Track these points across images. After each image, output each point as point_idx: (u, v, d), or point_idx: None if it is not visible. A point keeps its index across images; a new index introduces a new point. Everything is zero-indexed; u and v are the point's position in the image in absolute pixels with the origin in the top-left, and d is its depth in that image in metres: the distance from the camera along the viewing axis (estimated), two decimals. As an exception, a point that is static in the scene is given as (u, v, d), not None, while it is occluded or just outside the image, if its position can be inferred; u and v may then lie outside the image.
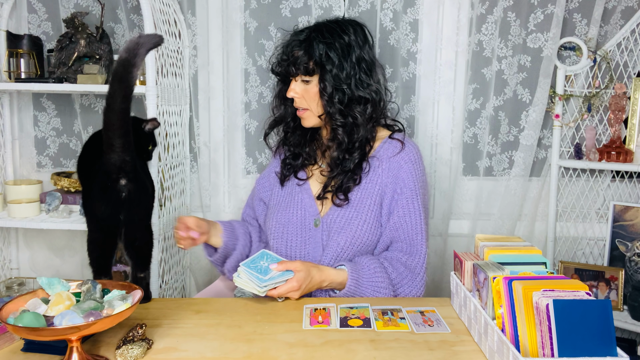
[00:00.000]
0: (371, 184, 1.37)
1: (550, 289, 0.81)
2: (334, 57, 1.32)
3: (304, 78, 1.35)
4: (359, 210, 1.35)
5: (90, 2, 1.95)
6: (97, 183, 1.12)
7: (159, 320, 1.09)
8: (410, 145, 1.41)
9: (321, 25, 1.38)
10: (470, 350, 0.96)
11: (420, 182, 1.38)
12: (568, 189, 1.92)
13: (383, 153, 1.39)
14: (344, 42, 1.34)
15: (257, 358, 0.93)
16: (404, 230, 1.34)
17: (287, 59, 1.36)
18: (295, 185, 1.44)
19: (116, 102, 1.06)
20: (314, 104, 1.36)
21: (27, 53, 1.83)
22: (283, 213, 1.41)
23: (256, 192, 1.54)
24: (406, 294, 1.31)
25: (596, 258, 1.92)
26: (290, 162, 1.47)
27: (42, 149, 2.08)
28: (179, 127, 1.90)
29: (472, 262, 1.04)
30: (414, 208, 1.35)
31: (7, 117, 1.98)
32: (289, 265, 1.20)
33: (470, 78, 1.89)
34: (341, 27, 1.37)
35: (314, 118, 1.38)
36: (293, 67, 1.35)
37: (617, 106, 1.77)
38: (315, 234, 1.37)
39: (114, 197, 1.11)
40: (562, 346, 0.76)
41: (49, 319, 0.89)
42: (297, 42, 1.36)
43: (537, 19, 1.86)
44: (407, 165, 1.37)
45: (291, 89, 1.37)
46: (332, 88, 1.33)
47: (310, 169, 1.46)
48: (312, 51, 1.33)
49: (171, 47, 1.79)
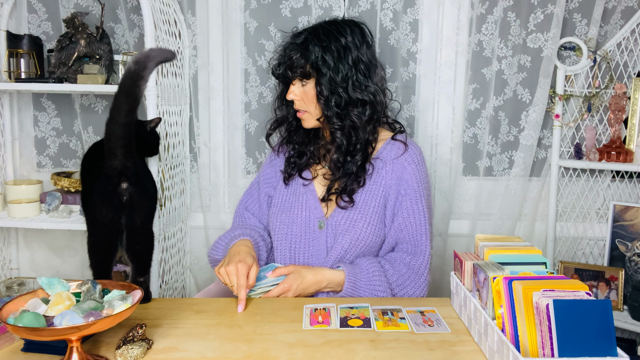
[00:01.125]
0: (375, 185, 1.37)
1: (550, 289, 0.81)
2: (329, 60, 1.32)
3: (301, 81, 1.36)
4: (363, 212, 1.35)
5: (90, 2, 1.95)
6: (98, 186, 1.11)
7: (159, 320, 1.09)
8: (413, 147, 1.41)
9: (318, 28, 1.37)
10: (470, 350, 0.96)
11: (424, 183, 1.38)
12: (568, 189, 1.92)
13: (386, 154, 1.39)
14: (340, 45, 1.33)
15: (257, 358, 0.93)
16: (408, 231, 1.35)
17: (285, 62, 1.37)
18: (300, 186, 1.44)
19: (121, 115, 1.05)
20: (312, 106, 1.36)
21: (27, 53, 1.83)
22: (287, 214, 1.41)
23: (262, 187, 1.52)
24: (409, 294, 1.32)
25: (596, 258, 1.92)
26: (295, 160, 1.46)
27: (42, 149, 2.08)
28: (179, 127, 1.90)
29: (472, 262, 1.04)
30: (418, 209, 1.35)
31: (7, 117, 1.98)
32: (282, 271, 1.27)
33: (470, 78, 1.89)
34: (338, 28, 1.36)
35: (313, 120, 1.38)
36: (290, 71, 1.35)
37: (617, 106, 1.77)
38: (320, 236, 1.37)
39: (115, 201, 1.10)
40: (562, 346, 0.76)
41: (49, 319, 0.89)
42: (294, 45, 1.36)
43: (537, 19, 1.86)
44: (411, 166, 1.37)
45: (290, 91, 1.37)
46: (328, 91, 1.32)
47: (315, 169, 1.46)
48: (308, 54, 1.32)
49: (171, 47, 1.79)
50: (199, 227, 2.04)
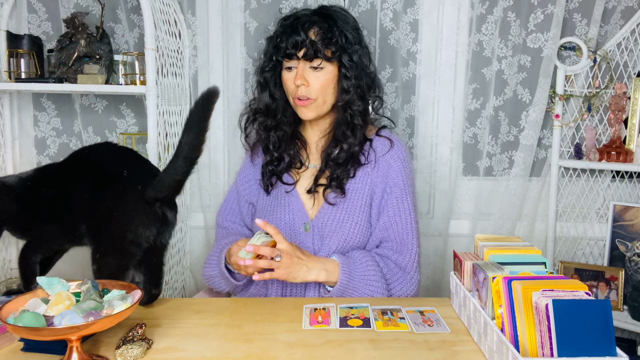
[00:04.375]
0: (361, 184, 1.33)
1: (550, 289, 0.81)
2: (352, 39, 1.27)
3: (314, 64, 1.27)
4: (349, 212, 1.31)
5: (90, 2, 1.95)
6: (138, 209, 1.10)
7: (159, 320, 1.09)
8: (398, 143, 1.37)
9: (324, 8, 1.32)
10: (470, 350, 0.96)
11: (410, 179, 1.35)
12: (568, 189, 1.92)
13: (372, 151, 1.36)
14: (353, 25, 1.30)
15: (257, 358, 0.93)
16: (394, 229, 1.31)
17: (303, 41, 1.24)
18: (282, 190, 1.37)
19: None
20: (325, 92, 1.29)
21: (27, 53, 1.83)
22: (270, 218, 1.35)
23: (242, 196, 1.45)
24: (398, 291, 1.29)
25: (596, 258, 1.92)
26: (272, 168, 1.38)
27: (42, 149, 2.08)
28: (179, 127, 1.90)
29: (471, 262, 1.04)
30: (404, 207, 1.32)
31: (7, 117, 1.98)
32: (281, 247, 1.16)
33: (470, 78, 1.89)
34: (340, 9, 1.34)
35: (318, 110, 1.32)
36: (312, 51, 1.24)
37: (617, 106, 1.77)
38: (306, 239, 1.33)
39: (159, 222, 1.12)
40: (561, 346, 0.76)
41: (49, 319, 0.89)
42: (311, 23, 1.26)
43: (537, 19, 1.86)
44: (397, 163, 1.34)
45: (299, 75, 1.27)
46: (355, 73, 1.27)
47: (297, 173, 1.39)
48: (332, 35, 1.25)
49: (171, 47, 1.79)
50: (199, 227, 2.04)
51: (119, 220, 1.09)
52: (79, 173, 1.15)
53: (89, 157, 1.18)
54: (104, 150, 1.21)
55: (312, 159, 1.42)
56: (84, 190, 1.12)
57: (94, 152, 1.20)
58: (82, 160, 1.17)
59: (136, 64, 1.77)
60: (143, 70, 1.72)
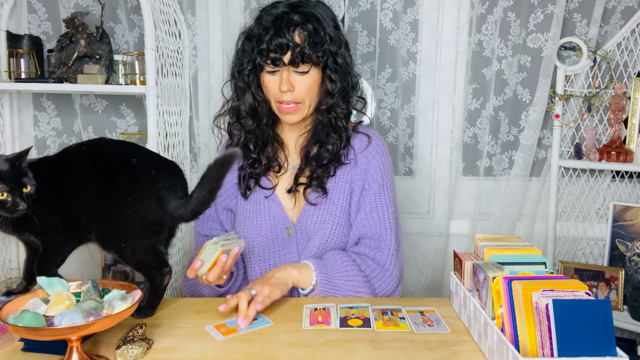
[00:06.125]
0: (341, 182, 1.30)
1: (550, 289, 0.81)
2: (336, 39, 1.23)
3: (299, 69, 1.22)
4: (331, 212, 1.29)
5: (90, 2, 1.95)
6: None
7: (159, 320, 1.09)
8: (376, 138, 1.35)
9: (302, 5, 1.23)
10: (470, 350, 0.96)
11: (388, 175, 1.32)
12: (568, 189, 1.92)
13: (350, 149, 1.33)
14: (332, 18, 1.26)
15: (257, 358, 0.93)
16: (371, 226, 1.29)
17: (287, 44, 1.18)
18: (261, 196, 1.33)
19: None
20: (310, 95, 1.26)
21: (27, 53, 1.83)
22: (250, 225, 1.31)
23: (219, 203, 1.38)
24: (378, 288, 1.26)
25: (596, 258, 1.92)
26: (251, 170, 1.33)
27: (42, 149, 2.07)
28: (179, 127, 1.90)
29: (471, 262, 1.04)
30: (382, 203, 1.30)
31: (7, 117, 1.98)
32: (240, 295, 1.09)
33: (470, 78, 1.89)
34: (317, 1, 1.27)
35: (303, 113, 1.28)
36: (299, 56, 1.19)
37: (617, 106, 1.77)
38: (290, 244, 1.30)
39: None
40: (561, 346, 0.76)
41: (49, 319, 0.89)
42: (295, 26, 1.19)
43: (537, 19, 1.86)
44: (375, 159, 1.31)
45: (285, 81, 1.22)
46: (339, 76, 1.25)
47: (275, 176, 1.35)
48: (318, 39, 1.19)
49: (171, 47, 1.79)
50: (199, 227, 2.03)
51: (135, 204, 1.06)
52: (80, 170, 1.12)
53: (91, 151, 1.14)
54: (102, 144, 1.19)
55: (291, 159, 1.37)
56: (88, 186, 1.08)
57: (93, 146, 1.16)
58: (82, 156, 1.14)
59: (136, 64, 1.77)
60: (143, 70, 1.72)
